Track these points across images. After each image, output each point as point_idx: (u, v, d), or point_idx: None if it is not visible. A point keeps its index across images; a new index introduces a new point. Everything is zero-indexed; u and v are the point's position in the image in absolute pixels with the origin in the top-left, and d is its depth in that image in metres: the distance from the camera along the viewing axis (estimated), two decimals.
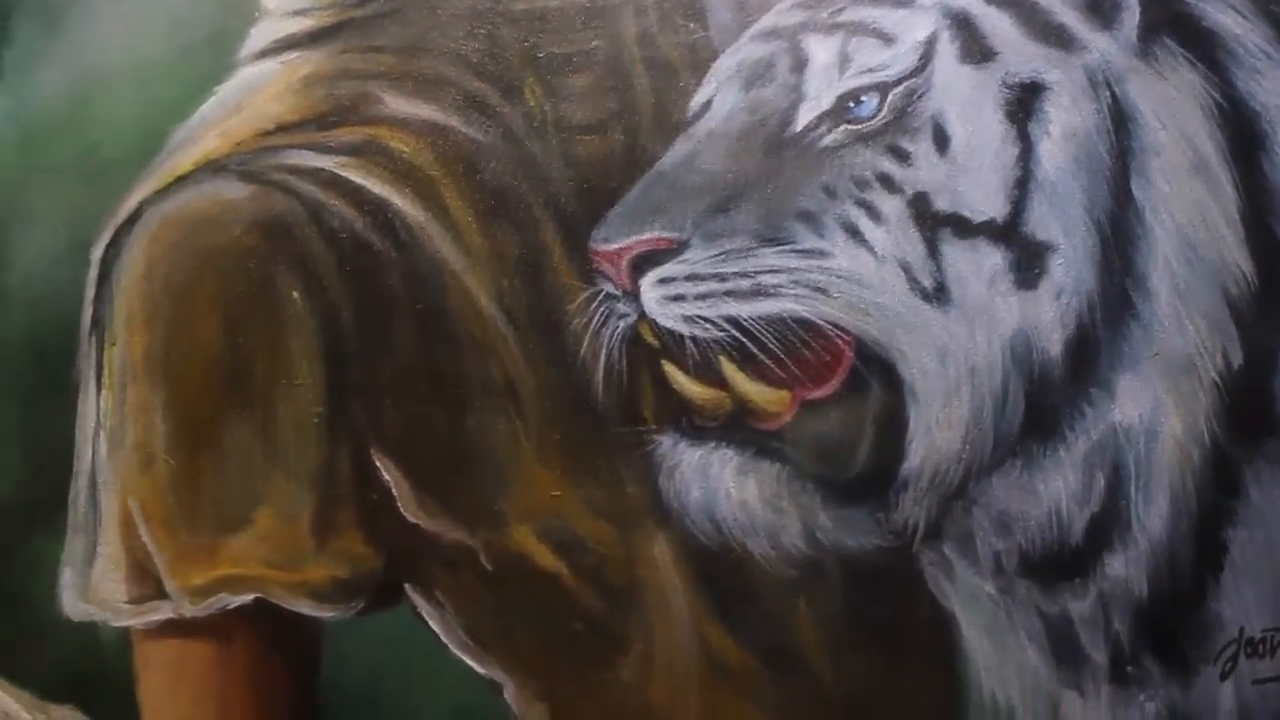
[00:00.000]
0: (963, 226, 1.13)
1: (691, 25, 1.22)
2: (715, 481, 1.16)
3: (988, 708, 1.18)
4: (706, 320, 1.14)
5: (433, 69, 1.23)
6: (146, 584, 1.21)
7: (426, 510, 1.19)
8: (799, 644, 1.18)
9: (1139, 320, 1.13)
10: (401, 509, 1.19)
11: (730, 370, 1.15)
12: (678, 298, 1.14)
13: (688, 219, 1.15)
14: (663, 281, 1.14)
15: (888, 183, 1.14)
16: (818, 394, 1.15)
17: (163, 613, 1.21)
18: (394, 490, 1.19)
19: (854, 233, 1.14)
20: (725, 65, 1.20)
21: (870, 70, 1.16)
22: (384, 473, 1.19)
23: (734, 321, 1.13)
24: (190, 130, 1.26)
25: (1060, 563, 1.14)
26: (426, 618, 1.20)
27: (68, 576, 1.24)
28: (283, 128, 1.24)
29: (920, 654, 1.19)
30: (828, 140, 1.15)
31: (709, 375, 1.16)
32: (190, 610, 1.20)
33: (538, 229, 1.20)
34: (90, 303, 1.25)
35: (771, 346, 1.13)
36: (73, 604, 1.23)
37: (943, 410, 1.13)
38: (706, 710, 1.18)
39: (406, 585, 1.21)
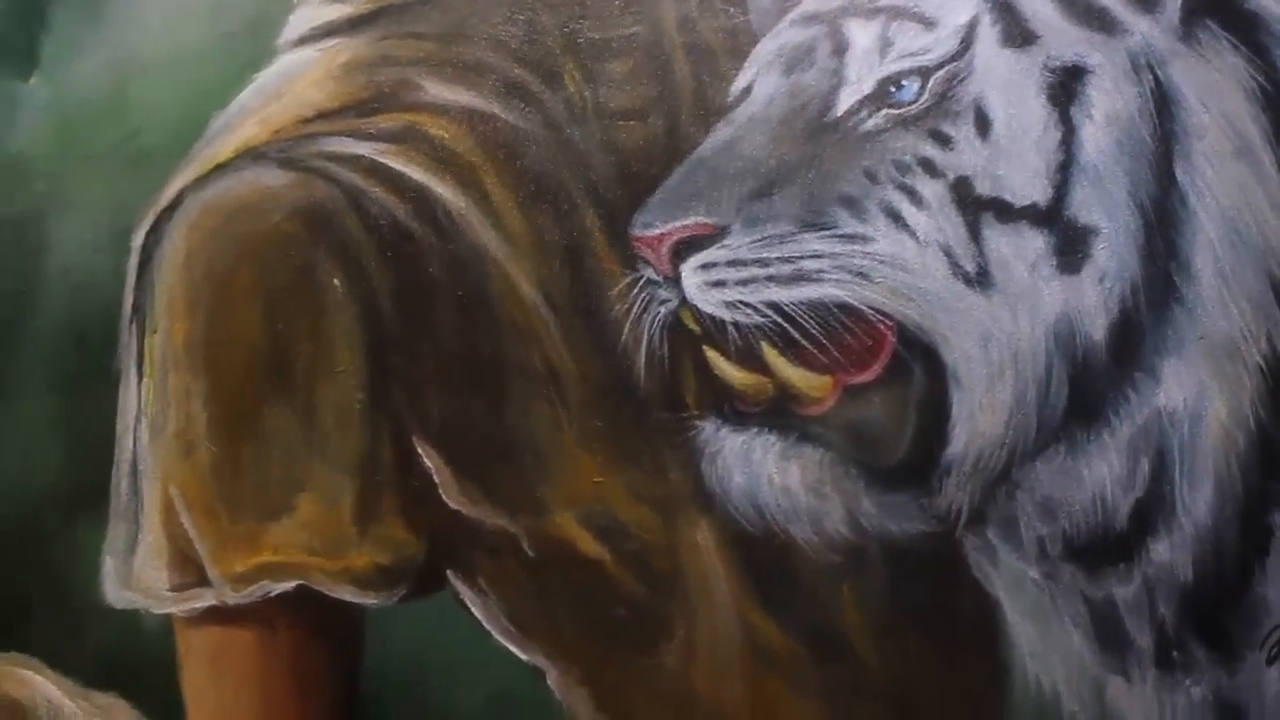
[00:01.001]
0: (1005, 210, 1.13)
1: (731, 10, 1.22)
2: (758, 467, 1.16)
3: (1032, 693, 1.17)
4: (748, 305, 1.13)
5: (472, 55, 1.23)
6: (188, 571, 1.21)
7: (468, 497, 1.19)
8: (843, 629, 1.18)
9: (1183, 304, 1.13)
10: (443, 495, 1.19)
11: (772, 356, 1.15)
12: (719, 283, 1.14)
13: (729, 204, 1.14)
14: (704, 267, 1.14)
15: (929, 167, 1.14)
16: (860, 379, 1.15)
17: (205, 600, 1.21)
18: (435, 477, 1.19)
19: (896, 217, 1.13)
20: (765, 50, 1.20)
21: (911, 54, 1.15)
22: (425, 459, 1.19)
23: (776, 307, 1.13)
24: (229, 118, 1.26)
25: (1105, 548, 1.14)
26: (469, 604, 1.20)
27: (110, 564, 1.24)
28: (322, 115, 1.24)
29: (964, 639, 1.18)
30: (869, 125, 1.15)
31: (751, 361, 1.15)
32: (232, 598, 1.20)
33: (579, 215, 1.20)
34: (131, 291, 1.25)
35: (813, 332, 1.13)
36: (115, 592, 1.24)
37: (986, 395, 1.13)
38: (750, 696, 1.18)
39: (449, 572, 1.21)
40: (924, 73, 1.15)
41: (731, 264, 1.14)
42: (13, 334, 1.30)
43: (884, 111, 1.15)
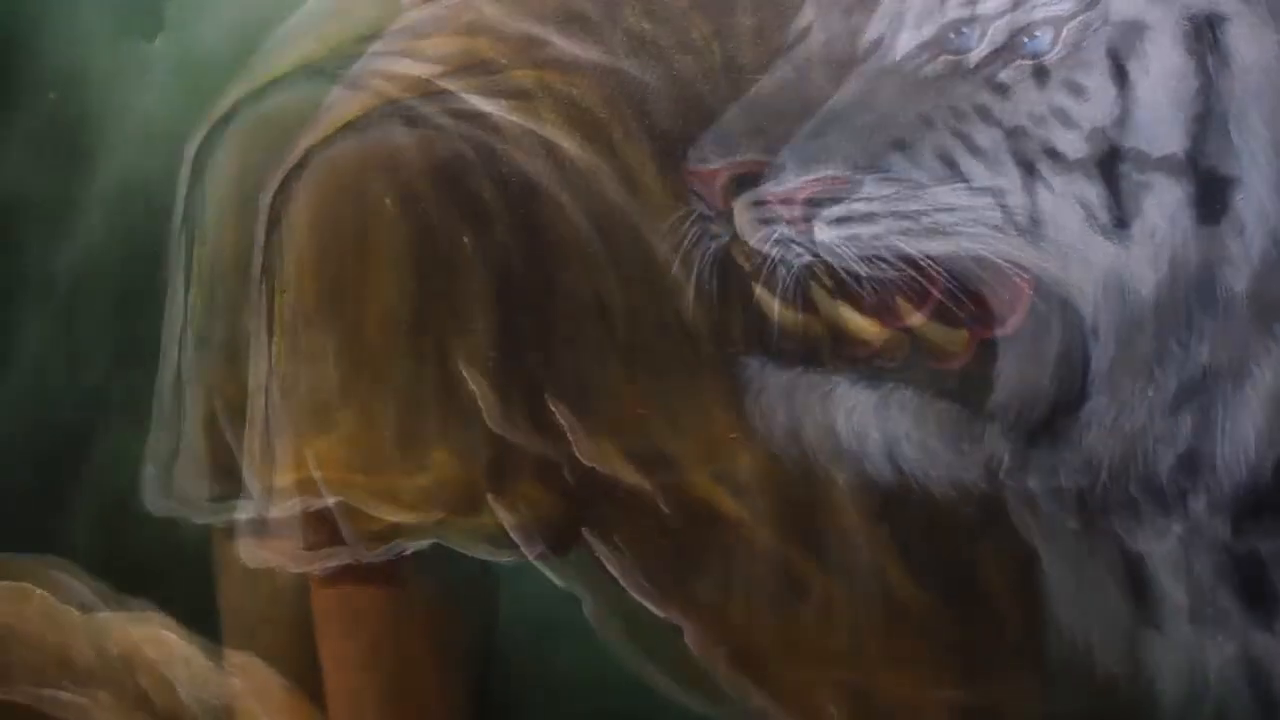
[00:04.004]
0: (1142, 161, 1.11)
1: None
2: (895, 423, 1.15)
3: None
4: (881, 260, 1.12)
5: (598, 11, 1.22)
6: (323, 530, 1.22)
7: (602, 454, 1.19)
8: (983, 586, 1.17)
9: None
10: (577, 453, 1.19)
11: (907, 311, 1.14)
12: (853, 238, 1.13)
13: (861, 158, 1.13)
14: (839, 221, 1.13)
15: (1064, 118, 1.12)
16: (997, 333, 1.14)
17: (340, 558, 1.22)
18: (569, 435, 1.19)
19: (1030, 169, 1.12)
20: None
21: (1043, 5, 1.14)
22: (559, 417, 1.19)
23: (909, 261, 1.12)
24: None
25: (1252, 502, 1.12)
26: (604, 562, 1.20)
27: (242, 523, 1.25)
28: (449, 73, 1.23)
29: None
30: (1001, 76, 1.14)
31: (887, 316, 1.14)
32: (367, 556, 1.21)
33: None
34: (260, 251, 1.25)
35: (949, 286, 1.12)
36: (249, 551, 1.24)
37: (1124, 348, 1.12)
38: (888, 652, 1.18)
39: (584, 529, 1.21)
40: (1056, 23, 1.13)
41: (865, 218, 1.13)
42: (147, 299, 1.30)
43: (1016, 63, 1.13)
